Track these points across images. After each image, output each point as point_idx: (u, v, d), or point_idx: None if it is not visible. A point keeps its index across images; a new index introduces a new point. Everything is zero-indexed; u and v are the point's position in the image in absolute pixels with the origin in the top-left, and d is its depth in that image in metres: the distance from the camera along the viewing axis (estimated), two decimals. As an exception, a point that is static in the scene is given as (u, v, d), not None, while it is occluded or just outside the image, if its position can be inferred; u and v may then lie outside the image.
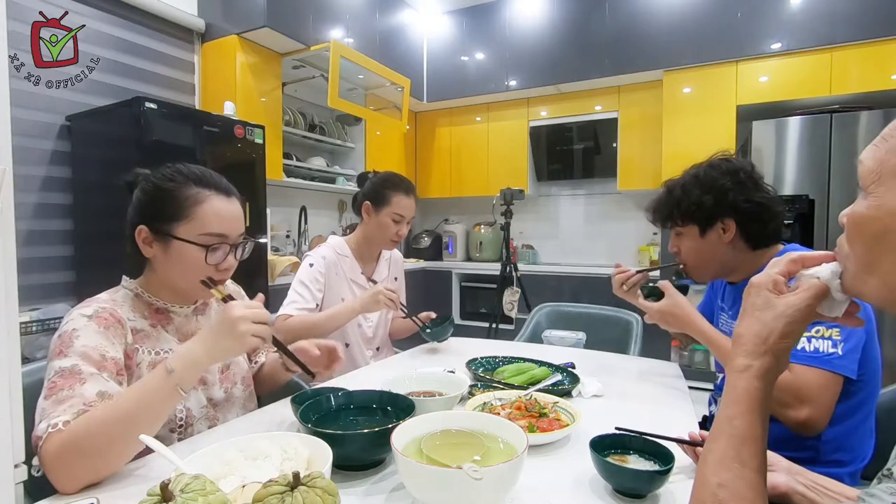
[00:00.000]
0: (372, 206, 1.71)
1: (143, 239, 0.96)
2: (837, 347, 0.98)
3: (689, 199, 1.19)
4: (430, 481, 0.64)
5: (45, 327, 2.24)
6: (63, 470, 0.72)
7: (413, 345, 1.74)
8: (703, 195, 1.18)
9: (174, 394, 0.80)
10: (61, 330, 0.87)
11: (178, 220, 0.94)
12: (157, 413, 0.79)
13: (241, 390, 1.11)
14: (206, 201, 0.96)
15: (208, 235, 0.95)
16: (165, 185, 0.96)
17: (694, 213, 1.19)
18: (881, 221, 0.46)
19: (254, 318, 0.84)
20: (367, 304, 1.54)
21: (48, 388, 0.79)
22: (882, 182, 0.46)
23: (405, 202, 1.71)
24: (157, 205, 0.95)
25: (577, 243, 4.47)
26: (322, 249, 1.74)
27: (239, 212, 1.01)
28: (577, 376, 1.23)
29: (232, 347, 0.84)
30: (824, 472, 1.04)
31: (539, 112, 4.30)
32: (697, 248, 1.21)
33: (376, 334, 1.79)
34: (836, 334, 0.99)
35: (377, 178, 1.76)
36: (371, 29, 3.85)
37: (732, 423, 0.52)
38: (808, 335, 1.00)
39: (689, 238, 1.22)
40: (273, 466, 0.69)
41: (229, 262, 1.00)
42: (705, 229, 1.20)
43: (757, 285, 0.57)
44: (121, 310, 0.93)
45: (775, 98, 3.31)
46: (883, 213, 0.46)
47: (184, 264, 0.95)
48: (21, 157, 2.31)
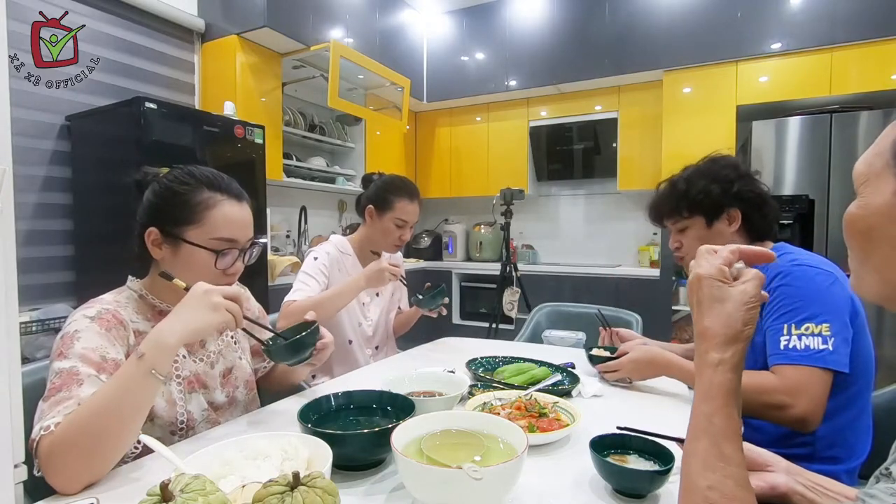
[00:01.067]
0: (375, 210, 1.70)
1: (152, 241, 0.96)
2: (828, 343, 0.99)
3: (696, 188, 1.19)
4: (430, 481, 0.64)
5: (45, 327, 2.24)
6: (58, 470, 0.72)
7: (413, 345, 1.74)
8: (710, 184, 1.18)
9: (149, 379, 0.78)
10: (63, 331, 0.87)
11: (190, 223, 0.94)
12: (136, 402, 0.78)
13: (244, 394, 1.11)
14: (218, 206, 0.96)
15: (219, 240, 0.96)
16: (178, 188, 0.96)
17: (702, 203, 1.19)
18: (868, 220, 0.50)
19: (223, 292, 0.83)
20: (371, 279, 1.54)
21: (47, 391, 0.79)
22: (869, 183, 0.50)
23: (409, 208, 1.70)
24: (169, 207, 0.95)
25: (577, 243, 4.47)
26: (326, 246, 1.73)
27: (250, 217, 1.02)
28: (577, 376, 1.23)
29: (205, 320, 0.82)
30: (820, 469, 1.04)
31: (539, 112, 4.30)
32: (702, 238, 1.19)
33: (376, 333, 1.79)
34: (825, 329, 1.00)
35: (381, 182, 1.73)
36: (371, 29, 3.85)
37: (711, 420, 0.53)
38: (799, 333, 1.01)
39: (695, 230, 1.22)
40: (273, 466, 0.69)
41: (237, 267, 1.00)
42: (712, 219, 1.20)
43: (707, 277, 0.57)
44: (124, 311, 0.93)
45: (775, 98, 3.31)
46: (869, 211, 0.50)
47: (192, 267, 0.95)
48: (21, 157, 2.31)
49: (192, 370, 1.00)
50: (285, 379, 1.22)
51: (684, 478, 0.54)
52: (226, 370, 1.07)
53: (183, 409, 0.96)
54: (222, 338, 1.09)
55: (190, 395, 0.98)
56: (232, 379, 1.08)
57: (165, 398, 0.94)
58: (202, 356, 1.04)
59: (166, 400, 0.94)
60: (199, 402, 1.00)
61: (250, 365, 1.16)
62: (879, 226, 0.49)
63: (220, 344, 1.08)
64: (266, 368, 1.22)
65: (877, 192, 0.49)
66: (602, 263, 4.15)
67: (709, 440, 0.52)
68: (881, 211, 0.48)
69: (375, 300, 1.81)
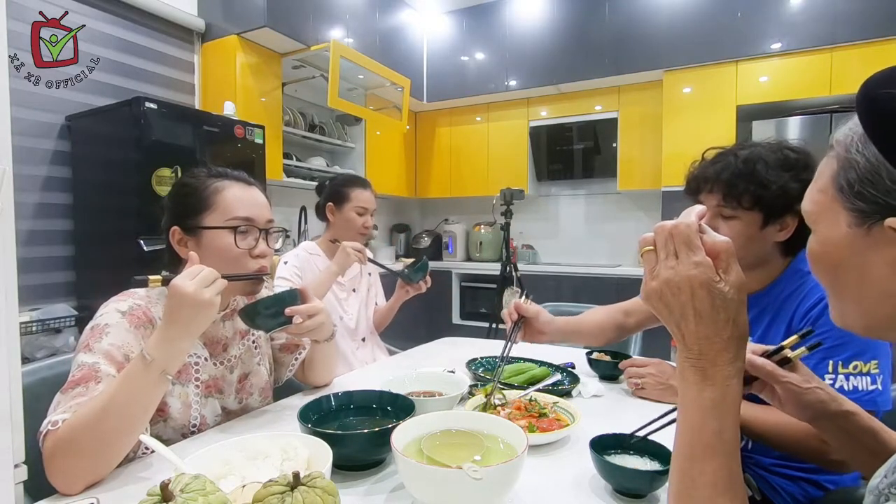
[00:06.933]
0: (335, 205, 1.84)
1: (177, 240, 0.98)
2: (877, 382, 0.91)
3: (778, 181, 0.98)
4: (430, 481, 0.64)
5: (45, 327, 2.24)
6: (60, 471, 0.72)
7: (413, 344, 1.74)
8: (791, 182, 0.98)
9: (161, 381, 0.80)
10: (94, 321, 0.88)
11: (203, 210, 0.97)
12: (145, 403, 0.79)
13: (258, 402, 1.10)
14: (226, 189, 0.99)
15: (234, 219, 0.98)
16: (187, 183, 1.01)
17: (775, 200, 0.99)
18: (831, 254, 0.50)
19: (205, 282, 0.82)
20: (340, 262, 1.68)
21: (67, 382, 0.80)
22: (821, 219, 0.50)
23: (364, 195, 1.85)
24: (183, 203, 0.99)
25: (577, 243, 4.47)
26: (295, 250, 1.83)
27: (261, 197, 1.04)
28: (577, 376, 1.23)
29: (206, 316, 0.83)
30: (828, 478, 1.03)
31: (539, 112, 4.30)
32: (748, 238, 1.02)
33: (359, 326, 1.86)
34: (874, 367, 0.91)
35: (334, 181, 1.90)
36: (371, 29, 3.85)
37: (722, 437, 0.49)
38: (846, 372, 0.91)
39: (743, 225, 1.02)
40: (273, 466, 0.69)
41: (262, 248, 1.01)
42: (769, 221, 1.01)
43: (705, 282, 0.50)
44: (154, 308, 0.94)
45: (775, 98, 3.31)
46: (831, 246, 0.50)
47: (218, 254, 0.96)
48: (21, 157, 2.31)
49: (211, 374, 1.00)
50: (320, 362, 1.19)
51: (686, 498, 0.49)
52: (242, 375, 1.07)
53: (198, 413, 0.96)
54: (243, 342, 1.09)
55: (206, 399, 0.99)
56: (247, 385, 1.08)
57: (182, 400, 0.94)
58: (223, 359, 1.03)
59: (182, 402, 0.94)
60: (213, 407, 1.00)
61: (269, 371, 1.15)
62: (844, 258, 0.48)
63: (240, 348, 1.08)
64: (295, 365, 1.19)
65: (832, 226, 0.49)
66: (602, 263, 4.14)
67: (721, 460, 0.49)
68: (841, 244, 0.48)
69: (353, 296, 1.89)
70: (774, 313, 1.06)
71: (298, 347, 1.19)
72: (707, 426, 0.50)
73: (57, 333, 2.27)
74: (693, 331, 0.52)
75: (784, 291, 1.05)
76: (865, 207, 0.45)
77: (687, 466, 0.51)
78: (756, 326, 1.08)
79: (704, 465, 0.49)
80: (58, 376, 0.92)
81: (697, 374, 0.51)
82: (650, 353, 1.65)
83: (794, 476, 1.04)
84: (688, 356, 0.52)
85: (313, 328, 1.03)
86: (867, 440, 0.66)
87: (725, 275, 0.51)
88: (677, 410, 0.54)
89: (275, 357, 1.19)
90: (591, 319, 1.47)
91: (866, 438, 0.66)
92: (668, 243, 0.54)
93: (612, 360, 1.31)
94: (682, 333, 0.53)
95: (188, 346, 0.84)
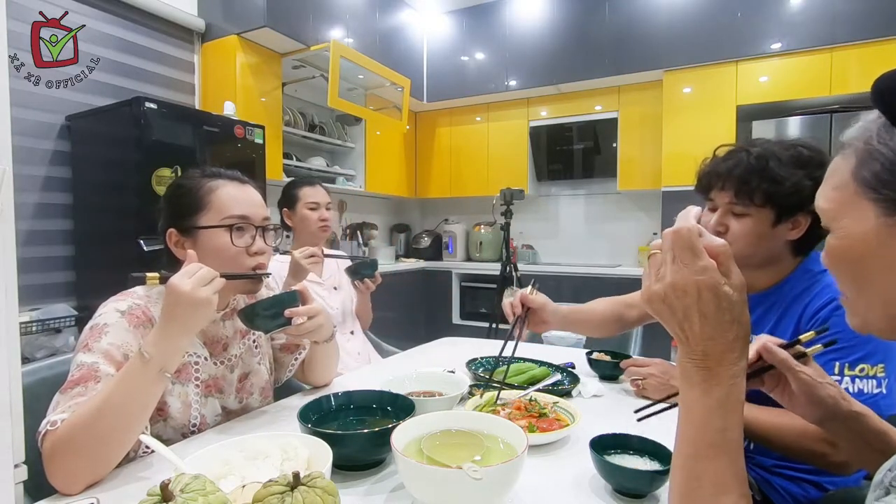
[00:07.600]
0: (288, 209, 1.89)
1: (174, 242, 0.98)
2: (882, 386, 0.90)
3: (791, 178, 0.97)
4: (430, 481, 0.64)
5: (45, 327, 2.24)
6: (60, 471, 0.72)
7: (413, 344, 1.74)
8: (804, 180, 0.96)
9: (159, 379, 0.80)
10: (93, 321, 0.88)
11: (198, 211, 0.97)
12: (145, 402, 0.79)
13: (258, 401, 1.10)
14: (221, 188, 0.99)
15: (229, 218, 0.97)
16: (181, 184, 1.00)
17: (788, 197, 0.97)
18: (855, 248, 0.49)
19: (202, 281, 0.82)
20: (295, 274, 1.65)
21: (67, 382, 0.80)
22: (841, 216, 0.50)
23: (311, 191, 1.88)
24: (177, 205, 0.99)
25: (577, 243, 4.47)
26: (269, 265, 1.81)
27: (255, 195, 1.04)
28: (577, 376, 1.23)
29: (203, 314, 0.83)
30: (828, 479, 1.03)
31: (539, 112, 4.30)
32: (758, 236, 1.01)
33: (346, 319, 1.88)
34: (880, 371, 0.90)
35: (284, 188, 1.94)
36: (371, 29, 3.85)
37: (726, 435, 0.49)
38: (852, 374, 0.90)
39: (755, 223, 1.00)
40: (273, 466, 0.69)
41: (259, 246, 1.01)
42: (781, 218, 0.99)
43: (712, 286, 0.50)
44: (154, 308, 0.94)
45: (775, 98, 3.31)
46: (854, 240, 0.49)
47: (215, 253, 0.95)
48: (21, 157, 2.31)
49: (211, 374, 1.00)
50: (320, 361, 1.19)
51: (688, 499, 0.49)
52: (242, 375, 1.07)
53: (197, 413, 0.96)
54: (244, 341, 1.09)
55: (206, 398, 0.98)
56: (247, 385, 1.08)
57: (182, 400, 0.93)
58: (223, 359, 1.03)
59: (182, 402, 0.93)
60: (213, 407, 1.00)
61: (269, 371, 1.15)
62: (870, 252, 0.48)
63: (241, 347, 1.08)
64: (295, 365, 1.19)
65: (856, 221, 0.48)
66: (602, 263, 4.14)
67: (726, 458, 0.49)
68: (867, 238, 0.48)
69: (334, 293, 1.90)
70: (782, 311, 1.05)
71: (298, 348, 1.19)
72: (712, 425, 0.50)
73: (57, 333, 2.28)
74: (698, 332, 0.51)
75: (794, 290, 1.05)
76: (894, 196, 0.45)
77: (691, 465, 0.50)
78: (763, 324, 1.07)
79: (709, 463, 0.49)
80: (57, 376, 0.92)
81: (702, 374, 0.51)
82: (650, 352, 1.65)
83: (794, 477, 1.04)
84: (692, 357, 0.52)
85: (313, 329, 1.03)
86: (877, 443, 0.66)
87: (727, 277, 0.51)
88: (679, 411, 0.54)
89: (275, 357, 1.19)
90: (594, 309, 1.47)
91: (876, 441, 0.66)
92: (672, 248, 0.53)
93: (612, 360, 1.31)
94: (686, 335, 0.52)
95: (186, 344, 0.84)
